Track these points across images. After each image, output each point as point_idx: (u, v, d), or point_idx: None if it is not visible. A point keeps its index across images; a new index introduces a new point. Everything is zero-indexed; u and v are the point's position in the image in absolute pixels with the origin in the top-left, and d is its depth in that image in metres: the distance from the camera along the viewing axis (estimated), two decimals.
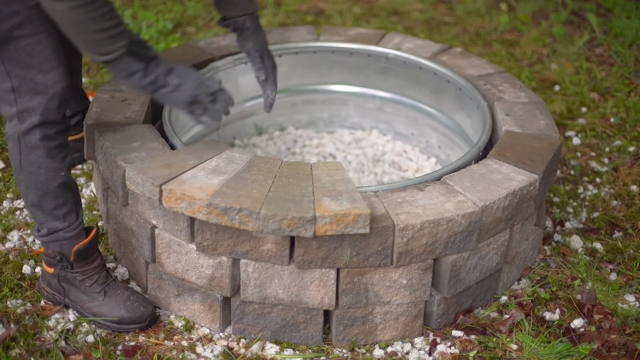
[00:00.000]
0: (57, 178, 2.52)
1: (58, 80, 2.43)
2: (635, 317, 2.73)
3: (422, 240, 2.47)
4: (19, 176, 2.52)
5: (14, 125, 2.46)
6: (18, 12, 2.36)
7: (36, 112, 2.42)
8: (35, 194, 2.52)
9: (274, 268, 2.50)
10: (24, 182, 2.52)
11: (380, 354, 2.59)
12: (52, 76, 2.42)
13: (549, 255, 3.00)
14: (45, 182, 2.51)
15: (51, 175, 2.50)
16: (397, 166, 3.41)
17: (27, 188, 2.52)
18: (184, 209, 2.41)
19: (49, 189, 2.52)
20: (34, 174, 2.49)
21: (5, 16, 2.34)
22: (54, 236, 2.58)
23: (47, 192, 2.52)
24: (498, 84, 3.15)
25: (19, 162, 2.49)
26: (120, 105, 2.87)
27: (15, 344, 2.53)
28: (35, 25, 2.38)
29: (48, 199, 2.53)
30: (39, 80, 2.41)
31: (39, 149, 2.46)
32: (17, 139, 2.46)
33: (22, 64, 2.39)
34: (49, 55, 2.41)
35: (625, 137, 3.70)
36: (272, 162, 2.58)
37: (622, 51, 4.35)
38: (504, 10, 4.92)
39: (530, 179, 2.62)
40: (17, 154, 2.48)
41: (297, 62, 3.40)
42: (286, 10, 4.82)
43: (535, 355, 2.55)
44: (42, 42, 2.40)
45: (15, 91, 2.41)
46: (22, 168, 2.49)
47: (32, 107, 2.42)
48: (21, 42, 2.37)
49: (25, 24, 2.37)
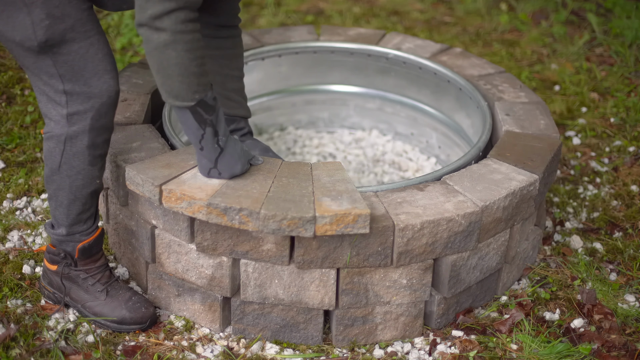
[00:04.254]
0: (92, 185, 2.51)
1: (112, 85, 2.42)
2: (635, 317, 2.73)
3: (422, 240, 2.47)
4: (53, 176, 2.50)
5: (61, 127, 2.43)
6: (70, 15, 2.34)
7: (87, 116, 2.41)
8: (66, 197, 2.51)
9: (274, 268, 2.50)
10: (58, 183, 2.50)
11: (380, 354, 2.59)
12: (106, 80, 2.40)
13: (549, 255, 3.00)
14: (80, 187, 2.50)
15: (87, 182, 2.50)
16: (397, 166, 3.41)
17: (60, 189, 2.51)
18: (184, 209, 2.41)
19: (82, 195, 2.51)
20: (72, 178, 2.48)
21: (57, 19, 2.33)
22: (71, 237, 2.58)
23: (79, 197, 2.51)
24: (498, 84, 3.15)
25: (59, 164, 2.47)
26: (120, 105, 2.87)
27: (15, 344, 2.53)
28: (87, 29, 2.37)
29: (78, 203, 2.52)
30: (93, 83, 2.39)
31: (84, 155, 2.45)
32: (63, 141, 2.43)
33: (75, 67, 2.37)
34: (102, 58, 2.40)
35: (625, 137, 3.70)
36: (272, 162, 2.58)
37: (622, 51, 4.35)
38: (504, 10, 4.92)
39: (530, 179, 2.62)
40: (59, 155, 2.46)
41: (297, 62, 3.40)
42: (286, 10, 4.82)
43: (535, 355, 2.55)
44: (95, 45, 2.39)
45: (67, 93, 2.39)
46: (60, 170, 2.48)
47: (84, 110, 2.40)
48: (74, 46, 2.36)
49: (77, 27, 2.36)
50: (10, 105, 3.72)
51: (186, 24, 2.25)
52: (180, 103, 2.34)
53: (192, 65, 2.29)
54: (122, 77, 3.04)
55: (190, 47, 2.27)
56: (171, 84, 2.31)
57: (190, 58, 2.28)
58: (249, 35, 3.43)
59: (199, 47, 2.30)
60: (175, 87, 2.31)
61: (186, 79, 2.30)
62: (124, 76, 3.05)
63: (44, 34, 2.32)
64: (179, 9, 2.23)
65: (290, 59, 3.38)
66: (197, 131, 2.39)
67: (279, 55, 3.35)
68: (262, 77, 3.40)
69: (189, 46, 2.27)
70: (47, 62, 2.37)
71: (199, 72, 2.31)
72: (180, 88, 2.31)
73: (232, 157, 2.45)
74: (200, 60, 2.31)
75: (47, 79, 2.39)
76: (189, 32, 2.26)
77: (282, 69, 3.38)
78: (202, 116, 2.36)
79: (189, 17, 2.26)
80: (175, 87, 2.31)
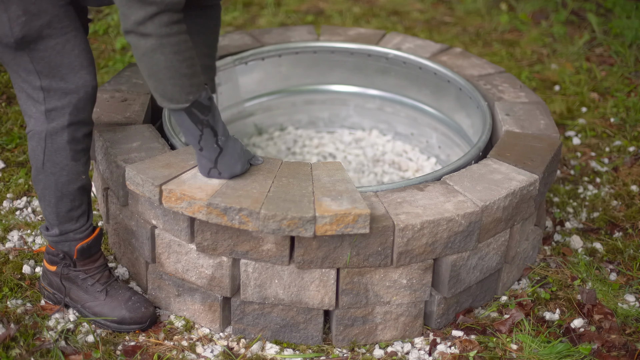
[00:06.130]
0: (78, 181, 2.52)
1: (89, 80, 2.43)
2: (635, 317, 2.73)
3: (422, 240, 2.47)
4: (39, 176, 2.51)
5: (40, 124, 2.44)
6: (47, 11, 2.35)
7: (65, 112, 2.42)
8: (53, 195, 2.52)
9: (274, 268, 2.50)
10: (44, 182, 2.51)
11: (380, 354, 2.59)
12: (82, 75, 2.42)
13: (549, 255, 3.00)
14: (66, 184, 2.50)
15: (73, 178, 2.50)
16: (397, 166, 3.41)
17: (46, 188, 2.52)
18: (184, 209, 2.41)
19: (68, 191, 2.52)
20: (56, 175, 2.49)
21: (33, 15, 2.34)
22: (65, 237, 2.58)
23: (65, 194, 2.52)
24: (498, 84, 3.15)
25: (42, 162, 2.48)
26: (120, 105, 2.87)
27: (15, 344, 2.53)
28: (64, 25, 2.38)
29: (66, 201, 2.53)
30: (69, 79, 2.40)
31: (65, 150, 2.46)
32: (44, 138, 2.45)
33: (52, 63, 2.38)
34: (78, 54, 2.41)
35: (625, 137, 3.70)
36: (272, 162, 2.58)
37: (622, 51, 4.35)
38: (504, 10, 4.92)
39: (530, 179, 2.62)
40: (41, 153, 2.47)
41: (297, 62, 3.40)
42: (286, 10, 4.82)
43: (535, 355, 2.55)
44: (72, 41, 2.40)
45: (45, 90, 2.40)
46: (45, 168, 2.49)
47: (62, 106, 2.42)
48: (50, 42, 2.37)
49: (54, 23, 2.37)
50: (10, 105, 3.72)
51: (171, 27, 2.25)
52: (175, 105, 2.34)
53: (182, 67, 2.29)
54: (122, 77, 3.04)
55: (177, 49, 2.27)
56: (164, 88, 2.31)
57: (180, 60, 2.28)
58: (249, 35, 3.43)
59: (187, 48, 2.29)
60: (168, 90, 2.31)
61: (178, 81, 2.30)
62: (124, 76, 3.05)
63: (21, 30, 2.33)
64: (160, 12, 2.23)
65: (290, 59, 3.38)
66: (194, 132, 2.39)
67: (279, 55, 3.35)
68: (262, 77, 3.40)
69: (176, 48, 2.27)
70: (25, 59, 2.38)
71: (190, 73, 2.31)
72: (173, 91, 2.31)
73: (232, 157, 2.45)
74: (190, 62, 2.31)
75: (25, 76, 2.41)
76: (175, 34, 2.26)
77: (282, 69, 3.38)
78: (198, 117, 2.37)
79: (173, 19, 2.25)
80: (168, 90, 2.31)
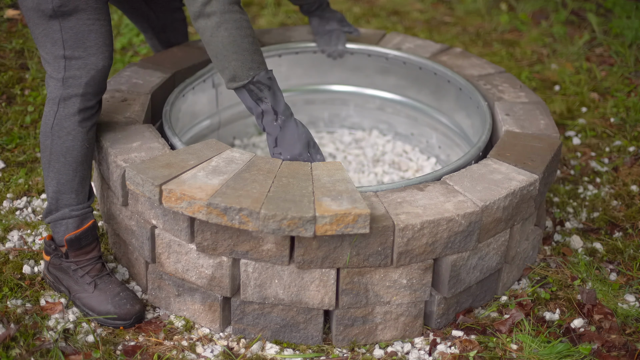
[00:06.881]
0: (83, 148, 2.61)
1: (108, 57, 2.59)
2: (635, 317, 2.73)
3: (422, 240, 2.47)
4: (46, 141, 2.61)
5: (57, 89, 2.57)
6: None
7: (82, 81, 2.57)
8: (57, 160, 2.60)
9: (274, 268, 2.50)
10: (50, 148, 2.61)
11: (380, 354, 2.59)
12: (103, 51, 2.58)
13: (549, 255, 3.00)
14: (71, 148, 2.60)
15: (78, 144, 2.60)
16: (397, 166, 3.41)
17: (52, 153, 2.61)
18: (184, 209, 2.41)
19: (73, 157, 2.60)
20: (62, 139, 2.59)
21: None
22: (61, 213, 2.64)
23: (69, 161, 2.60)
24: (498, 84, 3.15)
25: (51, 125, 2.59)
26: (120, 105, 2.87)
27: (15, 344, 2.53)
28: (99, 5, 2.58)
29: (69, 168, 2.61)
30: (92, 52, 2.56)
31: (75, 116, 2.58)
32: (57, 103, 2.57)
33: (79, 35, 2.55)
34: (104, 33, 2.58)
35: (625, 137, 3.70)
36: (272, 162, 2.58)
37: (622, 51, 4.35)
38: (504, 10, 4.92)
39: (530, 179, 2.62)
40: (52, 117, 2.58)
41: (297, 62, 3.41)
42: (286, 10, 4.82)
43: (535, 355, 2.55)
44: (101, 20, 2.58)
45: (67, 58, 2.56)
46: (52, 132, 2.59)
47: (79, 75, 2.56)
48: (83, 15, 2.54)
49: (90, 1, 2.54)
50: (10, 105, 3.72)
51: (232, 5, 2.52)
52: (237, 84, 2.56)
53: (245, 42, 2.52)
54: (122, 77, 3.04)
55: (239, 25, 2.52)
56: (229, 66, 2.53)
57: (242, 35, 2.52)
58: None
59: (248, 26, 2.54)
60: (231, 67, 2.53)
61: (240, 56, 2.52)
62: (124, 76, 3.05)
63: None
64: None
65: (290, 59, 3.39)
66: (256, 110, 2.60)
67: (279, 55, 3.35)
68: None
69: (238, 24, 2.52)
70: (55, 27, 2.53)
71: (252, 50, 2.54)
72: (236, 66, 2.53)
73: (292, 137, 2.58)
74: (252, 39, 2.54)
75: (50, 47, 2.56)
76: (236, 12, 2.52)
77: (282, 69, 3.38)
78: (258, 94, 2.56)
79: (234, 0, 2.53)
80: (232, 67, 2.53)
